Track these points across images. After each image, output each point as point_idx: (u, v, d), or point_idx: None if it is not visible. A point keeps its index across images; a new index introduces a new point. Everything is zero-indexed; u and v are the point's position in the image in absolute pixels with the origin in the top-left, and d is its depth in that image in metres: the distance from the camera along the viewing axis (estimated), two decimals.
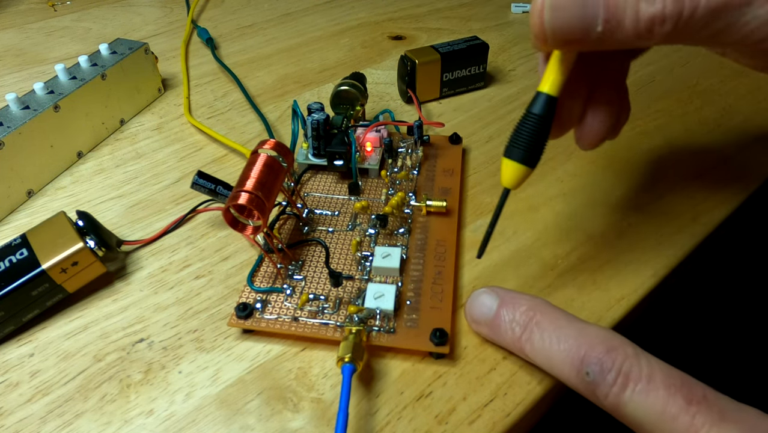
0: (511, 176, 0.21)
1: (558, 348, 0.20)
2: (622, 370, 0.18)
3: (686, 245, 0.29)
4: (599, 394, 0.19)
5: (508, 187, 0.22)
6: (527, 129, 0.21)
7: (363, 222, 0.29)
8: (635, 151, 0.35)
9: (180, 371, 0.23)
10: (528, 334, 0.21)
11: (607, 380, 0.19)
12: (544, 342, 0.21)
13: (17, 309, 0.24)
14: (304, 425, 0.21)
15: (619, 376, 0.18)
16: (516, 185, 0.22)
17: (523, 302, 0.22)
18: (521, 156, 0.21)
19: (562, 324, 0.21)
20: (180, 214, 0.31)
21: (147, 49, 0.39)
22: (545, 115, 0.21)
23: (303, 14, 0.54)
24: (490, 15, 0.53)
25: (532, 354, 0.21)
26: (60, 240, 0.25)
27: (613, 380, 0.18)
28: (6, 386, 0.23)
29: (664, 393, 0.18)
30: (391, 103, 0.40)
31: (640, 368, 0.18)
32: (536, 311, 0.22)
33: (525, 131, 0.21)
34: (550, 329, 0.21)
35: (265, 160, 0.25)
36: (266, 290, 0.25)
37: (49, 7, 0.56)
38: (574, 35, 0.18)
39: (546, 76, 0.21)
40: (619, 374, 0.18)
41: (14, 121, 0.31)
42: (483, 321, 0.23)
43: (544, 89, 0.21)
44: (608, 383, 0.19)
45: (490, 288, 0.23)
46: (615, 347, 0.19)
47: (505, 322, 0.22)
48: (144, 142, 0.37)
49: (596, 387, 0.19)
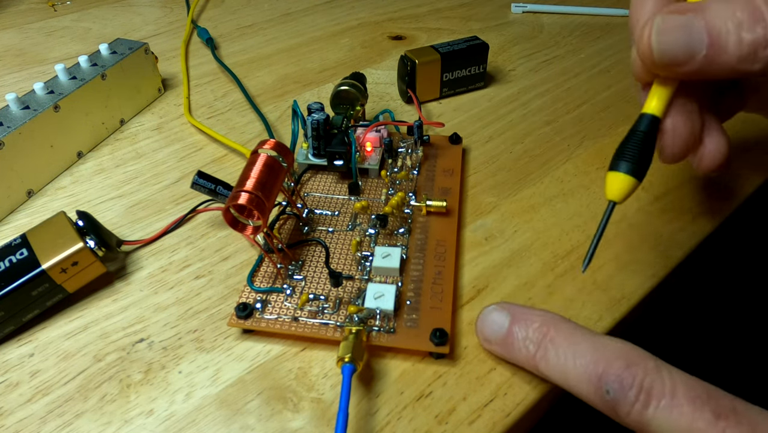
0: (619, 189, 0.22)
1: (574, 365, 0.20)
2: (644, 386, 0.18)
3: (686, 245, 0.29)
4: (621, 412, 0.18)
5: (615, 200, 0.22)
6: (634, 144, 0.21)
7: (363, 222, 0.29)
8: None
9: (180, 371, 0.23)
10: (543, 351, 0.21)
11: (629, 398, 0.18)
12: (560, 359, 0.20)
13: (17, 309, 0.24)
14: (304, 425, 0.21)
15: (640, 392, 0.18)
16: (623, 198, 0.22)
17: (536, 318, 0.21)
18: (629, 168, 0.21)
19: (578, 340, 0.20)
20: (180, 215, 0.31)
21: (147, 49, 0.39)
22: (649, 132, 0.21)
23: (303, 14, 0.54)
24: (490, 15, 0.53)
25: (548, 372, 0.21)
26: (60, 240, 0.25)
27: (635, 397, 0.18)
28: (6, 386, 0.23)
29: (689, 408, 0.17)
30: (391, 103, 0.40)
31: (663, 383, 0.18)
32: (550, 326, 0.21)
33: (632, 146, 0.21)
34: (565, 346, 0.20)
35: (265, 160, 0.25)
36: (266, 290, 0.25)
37: (49, 7, 0.56)
38: (679, 59, 0.19)
39: (649, 100, 0.22)
40: (640, 391, 0.18)
41: (14, 121, 0.31)
42: (495, 340, 0.22)
43: (648, 111, 0.22)
44: (630, 400, 0.18)
45: (501, 305, 0.23)
46: (634, 361, 0.18)
47: (518, 340, 0.21)
48: (144, 142, 0.37)
49: (617, 405, 0.18)
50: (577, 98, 0.40)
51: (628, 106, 0.40)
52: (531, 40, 0.49)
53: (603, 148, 0.35)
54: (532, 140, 0.36)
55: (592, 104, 0.40)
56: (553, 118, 0.38)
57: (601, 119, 0.38)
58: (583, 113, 0.39)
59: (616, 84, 0.42)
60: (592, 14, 0.53)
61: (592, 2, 0.54)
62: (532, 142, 0.36)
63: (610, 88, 0.42)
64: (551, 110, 0.39)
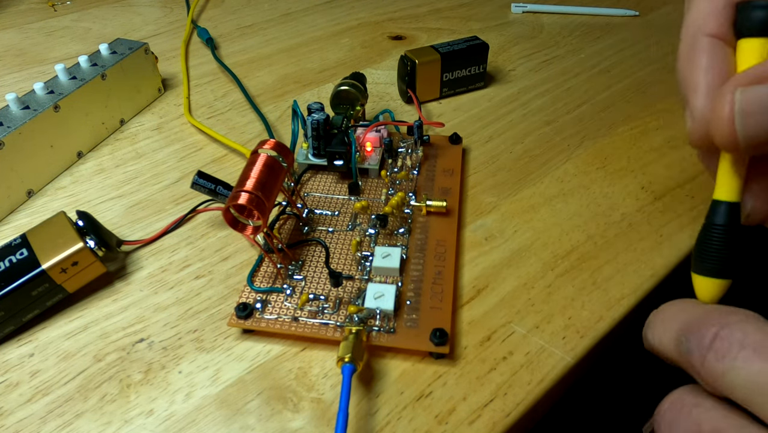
0: (707, 292, 0.19)
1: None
2: (719, 335, 0.15)
3: (686, 245, 0.29)
4: (695, 363, 0.16)
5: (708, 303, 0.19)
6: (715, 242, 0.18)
7: (363, 222, 0.29)
8: (635, 152, 0.35)
9: (180, 371, 0.23)
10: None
11: (702, 347, 0.16)
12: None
13: (17, 309, 0.24)
14: (304, 425, 0.21)
15: (715, 340, 0.15)
16: (715, 300, 0.19)
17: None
18: (716, 271, 0.18)
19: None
20: (180, 215, 0.31)
21: (147, 49, 0.39)
22: (729, 224, 0.18)
23: (303, 14, 0.54)
24: (490, 15, 0.53)
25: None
26: (60, 240, 0.25)
27: (708, 345, 0.15)
28: (6, 386, 0.23)
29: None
30: (391, 103, 0.40)
31: (744, 334, 0.15)
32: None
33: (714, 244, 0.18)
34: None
35: (265, 160, 0.25)
36: (266, 290, 0.25)
37: (49, 7, 0.56)
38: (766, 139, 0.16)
39: (722, 182, 0.18)
40: (714, 339, 0.15)
41: (14, 121, 0.31)
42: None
43: (723, 197, 0.18)
44: (702, 350, 0.16)
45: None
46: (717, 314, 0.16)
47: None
48: (144, 142, 0.37)
49: (691, 356, 0.16)
50: (577, 98, 0.40)
51: (628, 106, 0.40)
52: (531, 40, 0.49)
53: (603, 148, 0.35)
54: (532, 140, 0.36)
55: (592, 104, 0.40)
56: (553, 118, 0.38)
57: (601, 119, 0.38)
58: (583, 113, 0.39)
59: (616, 84, 0.42)
60: (592, 14, 0.53)
61: (592, 2, 0.54)
62: (532, 142, 0.36)
63: (610, 88, 0.42)
64: (551, 110, 0.39)
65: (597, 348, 0.25)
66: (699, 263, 0.19)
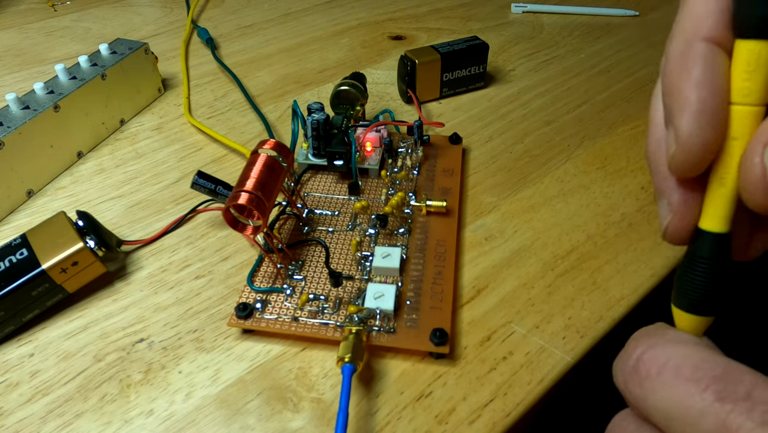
0: (688, 329, 0.17)
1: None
2: (643, 358, 0.15)
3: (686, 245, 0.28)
4: (619, 384, 0.15)
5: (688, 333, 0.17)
6: (700, 276, 0.16)
7: (363, 222, 0.29)
8: (635, 152, 0.35)
9: (180, 371, 0.23)
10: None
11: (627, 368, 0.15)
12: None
13: (17, 309, 0.24)
14: (304, 425, 0.21)
15: (639, 363, 0.15)
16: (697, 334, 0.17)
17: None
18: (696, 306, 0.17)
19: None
20: (180, 215, 0.31)
21: (147, 49, 0.39)
22: (717, 258, 0.16)
23: (303, 14, 0.54)
24: (490, 15, 0.53)
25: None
26: (60, 240, 0.25)
27: (633, 367, 0.15)
28: (6, 386, 0.23)
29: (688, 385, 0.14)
30: (391, 103, 0.40)
31: (666, 356, 0.15)
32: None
33: (697, 278, 0.16)
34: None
35: (265, 160, 0.25)
36: (266, 290, 0.25)
37: (49, 7, 0.56)
38: None
39: (711, 211, 0.16)
40: (638, 362, 0.15)
41: (14, 121, 0.31)
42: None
43: (711, 227, 0.16)
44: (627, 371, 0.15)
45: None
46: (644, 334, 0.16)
47: None
48: (144, 142, 0.37)
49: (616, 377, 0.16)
50: (577, 98, 0.40)
51: (628, 106, 0.40)
52: (531, 40, 0.49)
53: (603, 148, 0.35)
54: (532, 140, 0.36)
55: (592, 104, 0.40)
56: (553, 118, 0.38)
57: (601, 119, 0.38)
58: (583, 113, 0.39)
59: (616, 84, 0.42)
60: (592, 14, 0.53)
61: (592, 2, 0.54)
62: (532, 142, 0.36)
63: (610, 88, 0.42)
64: (551, 110, 0.39)
65: (597, 348, 0.25)
66: (680, 297, 0.17)
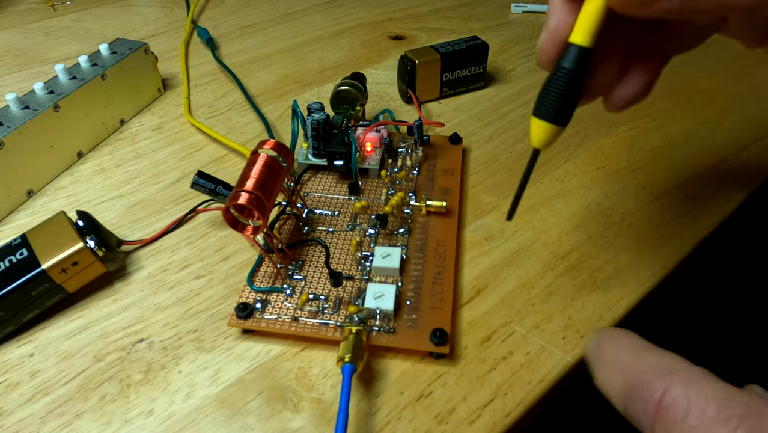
0: (540, 136, 0.20)
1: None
2: (662, 403, 0.15)
3: (686, 245, 0.29)
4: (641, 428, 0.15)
5: (537, 147, 0.20)
6: (558, 85, 0.19)
7: (363, 222, 0.29)
8: (635, 152, 0.35)
9: (180, 371, 0.23)
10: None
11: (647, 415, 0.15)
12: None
13: (17, 309, 0.24)
14: (304, 425, 0.21)
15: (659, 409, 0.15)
16: (545, 145, 0.20)
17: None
18: (552, 115, 0.19)
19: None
20: (180, 215, 0.31)
21: (147, 49, 0.39)
22: (578, 70, 0.18)
23: (303, 14, 0.54)
24: (490, 15, 0.53)
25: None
26: (60, 240, 0.25)
27: (653, 414, 0.15)
28: (6, 386, 0.23)
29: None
30: (391, 103, 0.40)
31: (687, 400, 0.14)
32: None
33: (556, 88, 0.19)
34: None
35: (265, 160, 0.25)
36: (266, 290, 0.25)
37: (49, 7, 0.56)
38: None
39: (579, 24, 0.18)
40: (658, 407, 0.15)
41: (14, 121, 0.31)
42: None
43: (577, 40, 0.18)
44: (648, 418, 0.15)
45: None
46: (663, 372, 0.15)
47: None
48: (144, 142, 0.37)
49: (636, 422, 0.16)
50: None
51: None
52: (531, 40, 0.49)
53: (603, 148, 0.35)
54: None
55: (592, 104, 0.40)
56: None
57: (601, 119, 0.38)
58: (583, 113, 0.39)
59: None
60: None
61: None
62: None
63: None
64: None
65: None
66: (540, 107, 0.19)
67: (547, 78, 0.19)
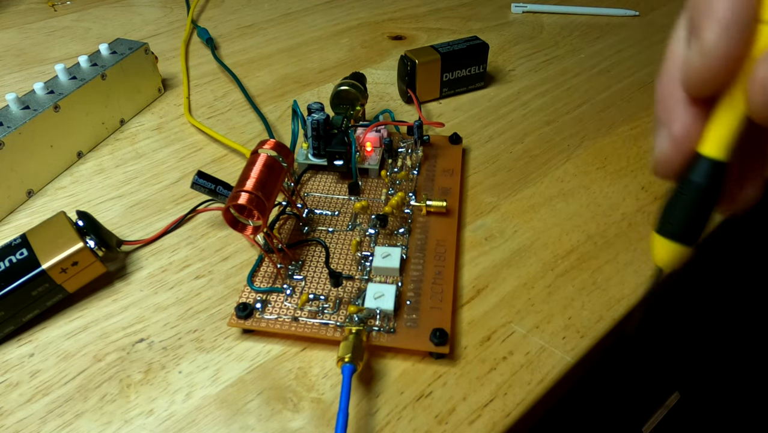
0: (664, 256, 0.17)
1: None
2: None
3: None
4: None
5: (661, 267, 0.18)
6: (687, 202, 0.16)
7: (363, 222, 0.29)
8: (635, 152, 0.35)
9: (180, 371, 0.23)
10: None
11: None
12: None
13: (17, 309, 0.24)
14: (304, 425, 0.21)
15: None
16: (671, 267, 0.17)
17: None
18: (678, 233, 0.16)
19: None
20: (180, 215, 0.31)
21: (147, 49, 0.39)
22: (711, 185, 0.16)
23: (303, 14, 0.54)
24: (490, 15, 0.53)
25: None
26: (60, 240, 0.25)
27: None
28: (6, 386, 0.23)
29: None
30: (391, 103, 0.40)
31: None
32: None
33: (684, 205, 0.16)
34: None
35: (265, 160, 0.25)
36: (266, 290, 0.25)
37: (49, 7, 0.56)
38: None
39: (713, 135, 0.15)
40: None
41: (14, 121, 0.31)
42: None
43: (711, 153, 0.15)
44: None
45: None
46: None
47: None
48: (144, 142, 0.37)
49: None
50: (577, 98, 0.40)
51: (628, 106, 0.40)
52: (531, 40, 0.49)
53: (603, 148, 0.35)
54: (532, 140, 0.36)
55: (592, 104, 0.40)
56: (553, 118, 0.38)
57: (601, 119, 0.38)
58: (583, 113, 0.39)
59: (616, 84, 0.42)
60: (592, 14, 0.53)
61: (592, 2, 0.54)
62: (532, 142, 0.36)
63: (610, 88, 0.42)
64: (551, 110, 0.39)
65: (597, 348, 0.25)
66: (665, 224, 0.17)
67: (673, 192, 0.17)
